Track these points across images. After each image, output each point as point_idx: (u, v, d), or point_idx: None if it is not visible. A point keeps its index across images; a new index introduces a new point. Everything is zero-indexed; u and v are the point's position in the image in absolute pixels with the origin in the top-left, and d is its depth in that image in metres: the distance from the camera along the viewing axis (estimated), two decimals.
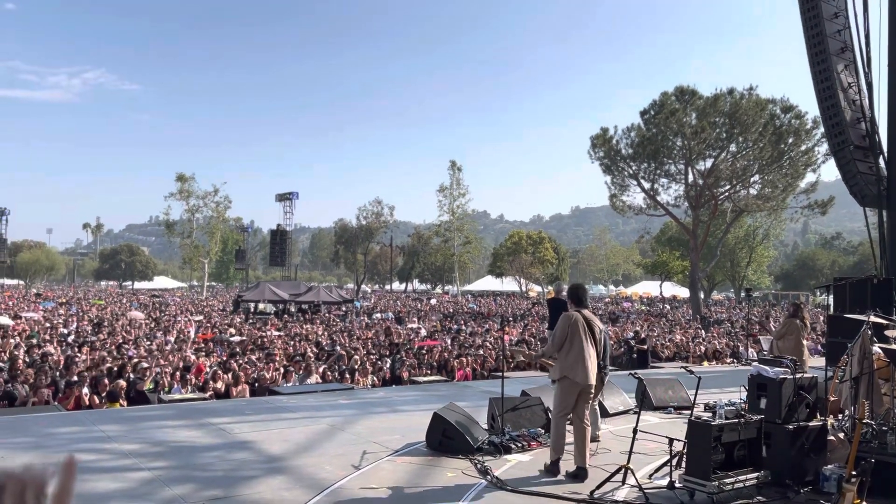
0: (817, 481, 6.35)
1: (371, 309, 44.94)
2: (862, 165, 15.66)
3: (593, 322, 7.21)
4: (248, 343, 20.58)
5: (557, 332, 7.07)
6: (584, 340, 6.96)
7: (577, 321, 7.03)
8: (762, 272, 71.21)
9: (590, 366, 6.92)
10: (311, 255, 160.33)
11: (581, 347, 6.92)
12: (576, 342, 6.93)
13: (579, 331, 6.97)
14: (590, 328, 7.10)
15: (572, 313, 7.15)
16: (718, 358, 20.86)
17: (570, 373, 6.89)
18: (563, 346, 6.97)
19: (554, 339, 7.09)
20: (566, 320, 7.06)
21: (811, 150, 39.72)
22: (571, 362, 6.89)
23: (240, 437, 8.32)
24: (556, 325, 7.22)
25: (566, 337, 6.96)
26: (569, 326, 6.99)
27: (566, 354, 6.94)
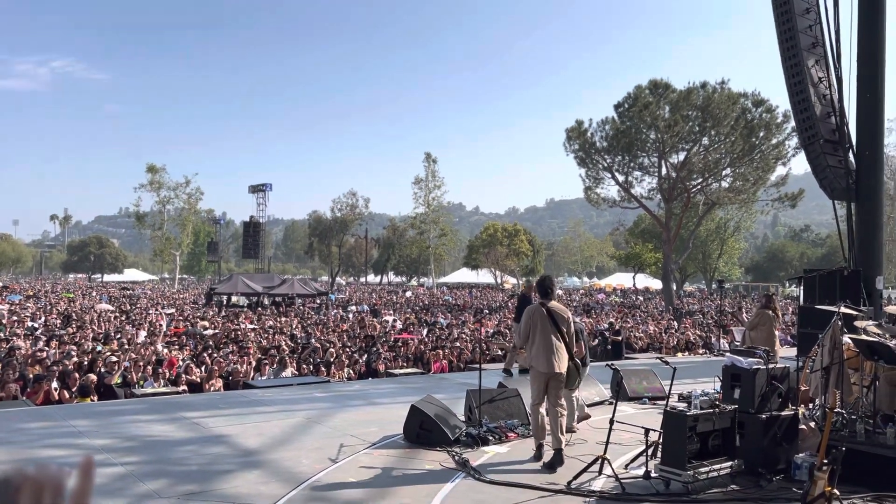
0: (789, 469, 6.46)
1: (346, 301, 44.73)
2: (831, 159, 15.88)
3: (559, 313, 7.32)
4: (221, 336, 20.39)
5: (521, 325, 7.40)
6: (546, 331, 7.14)
7: (537, 313, 7.26)
8: (733, 264, 72.12)
9: (553, 355, 7.10)
10: (284, 248, 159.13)
11: (542, 338, 7.13)
12: (537, 333, 7.16)
13: (539, 322, 7.19)
14: (553, 319, 7.22)
15: (534, 306, 7.46)
16: (691, 349, 21.14)
17: (534, 362, 7.19)
18: (528, 338, 7.24)
19: (520, 333, 7.48)
20: (528, 313, 7.38)
21: (782, 143, 40.30)
22: (535, 353, 7.18)
23: (214, 431, 8.24)
24: (522, 318, 7.51)
25: (529, 329, 7.24)
26: (531, 318, 7.26)
27: (531, 346, 7.23)
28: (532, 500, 5.85)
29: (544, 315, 7.22)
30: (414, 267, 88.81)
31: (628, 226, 69.02)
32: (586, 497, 5.93)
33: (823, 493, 5.39)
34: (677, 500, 5.88)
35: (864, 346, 7.19)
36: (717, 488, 6.14)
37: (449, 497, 5.90)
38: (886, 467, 6.17)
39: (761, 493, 6.05)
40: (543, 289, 7.52)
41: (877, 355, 7.01)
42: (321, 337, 20.58)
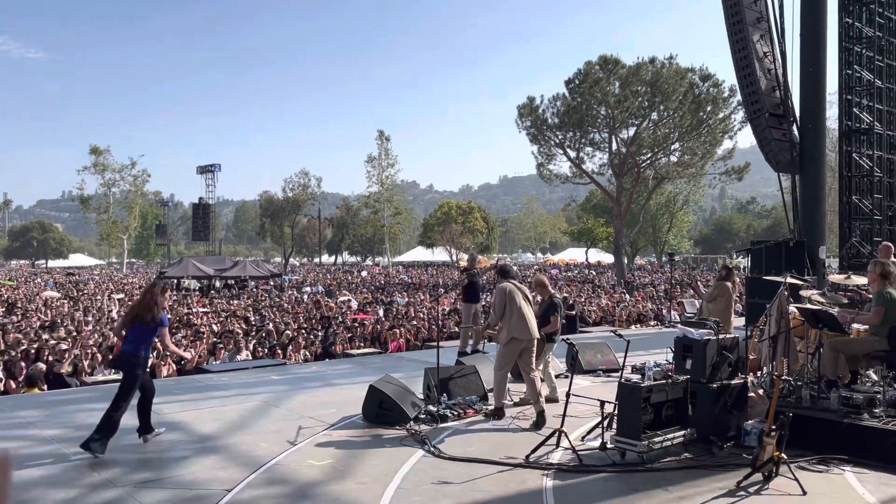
0: (739, 436, 6.65)
1: (300, 283, 44.34)
2: (776, 132, 16.26)
3: (524, 290, 8.04)
4: (173, 321, 20.02)
5: (496, 303, 7.86)
6: (522, 303, 7.78)
7: (511, 290, 7.83)
8: (682, 237, 73.69)
9: (529, 323, 7.76)
10: (235, 229, 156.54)
11: (521, 310, 7.74)
12: (515, 307, 7.71)
13: (516, 297, 7.77)
14: (524, 294, 7.93)
15: (505, 284, 7.93)
16: (643, 321, 21.55)
17: (516, 333, 7.66)
18: (504, 314, 7.74)
19: (495, 310, 7.90)
20: (502, 291, 7.85)
21: (728, 117, 41.16)
22: (514, 324, 7.67)
23: (169, 418, 8.10)
24: (494, 297, 8.03)
25: (505, 305, 7.75)
26: (506, 295, 7.79)
27: (509, 319, 7.70)
28: (492, 475, 5.91)
29: (517, 290, 7.86)
30: (369, 246, 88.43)
31: (580, 201, 69.96)
32: (544, 470, 6.02)
33: (772, 457, 5.59)
34: (633, 469, 6.01)
35: (809, 314, 7.43)
36: (671, 457, 6.30)
37: (409, 474, 5.93)
38: (830, 430, 6.41)
39: (713, 460, 6.23)
40: (505, 271, 8.28)
41: (821, 323, 7.25)
42: (276, 319, 20.37)
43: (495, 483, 5.73)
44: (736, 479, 5.61)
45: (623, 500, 5.30)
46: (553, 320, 8.61)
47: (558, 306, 8.87)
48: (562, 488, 5.61)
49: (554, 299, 8.94)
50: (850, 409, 6.57)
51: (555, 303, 8.86)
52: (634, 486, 5.61)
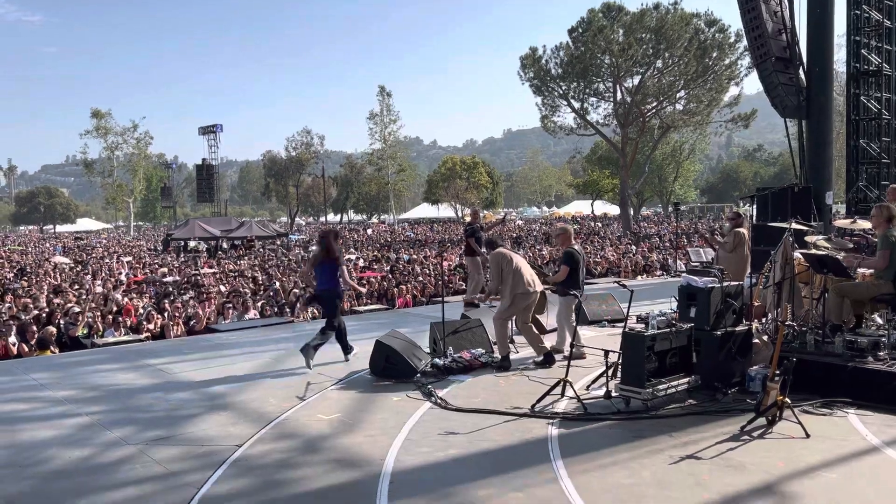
0: (744, 382, 6.70)
1: (306, 242, 44.44)
2: (783, 77, 16.00)
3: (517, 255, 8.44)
4: (181, 282, 20.15)
5: (493, 270, 8.11)
6: (521, 262, 8.15)
7: (504, 254, 8.13)
8: (689, 186, 73.17)
9: (531, 278, 8.06)
10: (240, 190, 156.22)
11: (518, 269, 8.01)
12: (514, 266, 7.99)
13: (512, 259, 8.08)
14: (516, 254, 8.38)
15: (499, 250, 8.18)
16: (649, 271, 21.56)
17: (518, 289, 7.93)
18: (503, 279, 7.97)
19: (493, 277, 8.13)
20: (497, 257, 8.08)
21: (734, 63, 40.48)
22: (516, 281, 7.93)
23: (180, 377, 8.21)
24: (491, 265, 8.24)
25: (502, 269, 7.99)
26: (501, 260, 8.03)
27: (508, 282, 7.94)
28: (498, 425, 5.99)
29: (510, 253, 8.21)
30: (374, 204, 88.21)
31: (585, 153, 69.28)
32: (550, 419, 6.09)
33: (776, 402, 5.63)
34: (637, 417, 6.08)
35: (814, 260, 7.40)
36: (676, 404, 6.36)
37: (417, 426, 6.01)
38: (835, 374, 6.43)
39: (717, 406, 6.28)
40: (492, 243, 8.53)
41: (826, 268, 7.23)
42: (283, 278, 20.47)
43: (501, 433, 5.81)
44: (740, 424, 5.67)
45: (627, 447, 5.37)
46: (563, 270, 8.44)
47: (571, 256, 8.40)
48: (567, 436, 5.68)
49: (569, 250, 8.49)
50: (854, 353, 6.59)
51: (568, 253, 8.44)
52: (638, 433, 5.67)
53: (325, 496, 4.62)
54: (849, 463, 4.96)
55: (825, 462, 4.96)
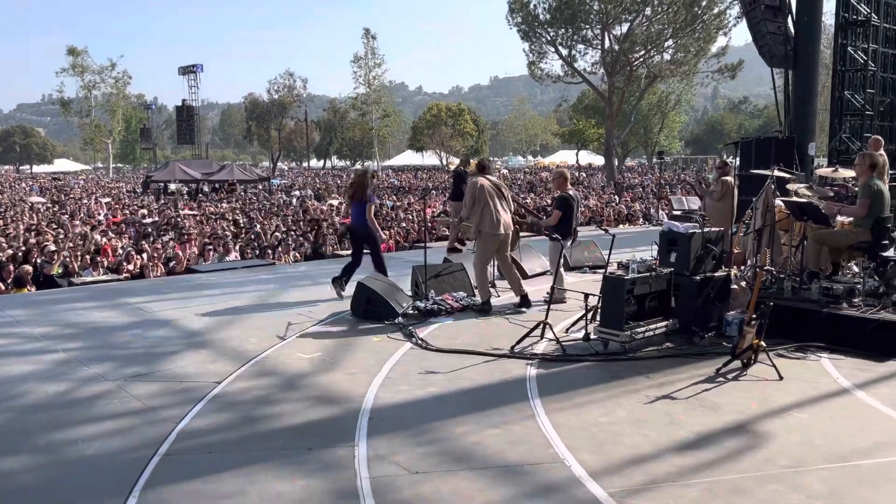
0: (721, 326, 6.78)
1: (289, 187, 44.03)
2: (771, 25, 15.81)
3: (500, 184, 8.16)
4: (161, 224, 19.95)
5: (467, 197, 7.99)
6: (494, 199, 7.91)
7: (482, 185, 7.94)
8: (674, 137, 72.93)
9: (500, 217, 7.90)
10: (221, 133, 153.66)
11: (490, 204, 7.85)
12: (486, 201, 7.85)
13: (486, 191, 7.89)
14: (497, 188, 8.05)
15: (478, 179, 8.03)
16: (631, 220, 21.64)
17: (484, 227, 7.84)
18: (474, 207, 7.87)
19: (466, 203, 8.04)
20: (473, 186, 7.96)
21: (723, 12, 39.99)
22: (486, 218, 7.83)
23: (158, 315, 8.17)
24: (466, 192, 8.12)
25: (475, 199, 7.87)
26: (476, 190, 7.90)
27: (479, 213, 7.85)
28: (478, 365, 6.03)
29: (490, 186, 7.96)
30: (357, 150, 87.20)
31: (572, 102, 68.68)
32: (529, 360, 6.14)
33: (751, 345, 5.71)
34: (615, 358, 6.15)
35: (794, 207, 7.43)
36: (653, 346, 6.43)
37: (397, 365, 6.04)
38: (810, 319, 6.52)
39: (694, 349, 6.36)
40: (483, 166, 8.58)
41: (806, 215, 7.28)
42: (264, 222, 20.32)
43: (480, 372, 5.85)
44: (715, 367, 5.75)
45: (604, 387, 5.44)
46: (555, 215, 8.39)
47: (565, 200, 8.32)
48: (545, 376, 5.74)
49: (564, 194, 8.41)
50: (829, 300, 6.68)
51: (563, 197, 8.36)
52: (616, 374, 5.74)
53: (304, 431, 4.65)
54: (820, 404, 5.06)
55: (797, 403, 5.06)
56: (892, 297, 6.55)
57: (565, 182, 8.68)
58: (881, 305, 6.49)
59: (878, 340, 6.13)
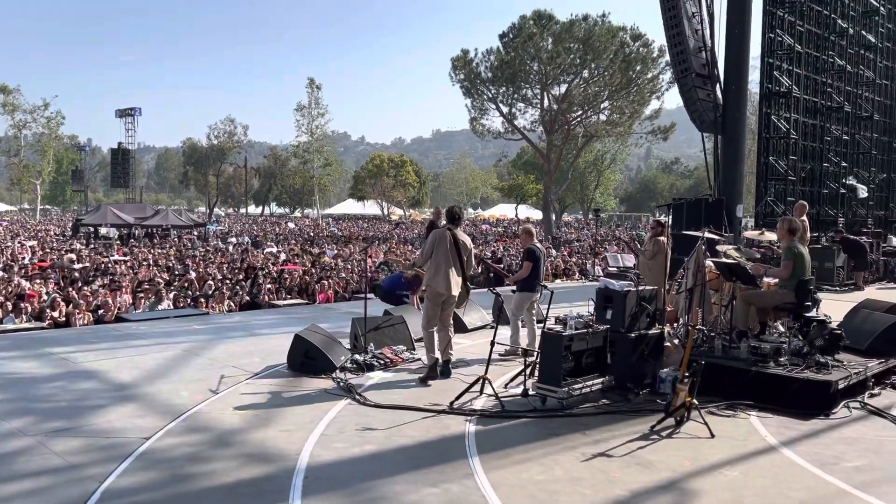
0: (655, 383, 6.92)
1: (225, 233, 43.33)
2: (702, 92, 16.68)
3: (464, 241, 7.71)
4: (90, 269, 19.29)
5: (427, 244, 7.68)
6: (448, 255, 7.48)
7: (443, 236, 7.54)
8: (608, 195, 75.17)
9: (451, 278, 7.48)
10: (157, 177, 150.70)
11: (444, 260, 7.46)
12: (440, 255, 7.47)
13: (444, 245, 7.49)
14: (457, 246, 7.57)
15: (441, 230, 7.67)
16: (569, 275, 22.02)
17: (432, 282, 7.50)
18: (429, 258, 7.53)
19: (423, 252, 7.77)
20: (434, 235, 7.66)
21: (656, 77, 41.90)
22: (434, 273, 7.48)
23: (84, 367, 7.85)
24: (428, 239, 7.82)
25: (432, 250, 7.51)
26: (435, 240, 7.54)
27: (431, 266, 7.52)
28: (416, 421, 5.98)
29: (450, 240, 7.56)
30: (297, 198, 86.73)
31: (512, 158, 70.25)
32: (468, 416, 6.13)
33: (684, 403, 5.83)
34: (552, 415, 6.19)
35: (724, 268, 7.72)
36: (590, 403, 6.51)
37: (334, 422, 5.94)
38: (739, 377, 6.73)
39: (629, 406, 6.47)
40: (452, 216, 7.91)
41: (735, 276, 7.56)
42: (199, 269, 19.88)
43: (419, 429, 5.80)
44: (650, 424, 5.85)
45: (542, 444, 5.46)
46: (525, 267, 8.47)
47: (532, 253, 8.44)
48: (483, 433, 5.73)
49: (531, 247, 8.56)
50: (757, 359, 6.91)
51: (530, 250, 8.50)
52: (553, 431, 5.78)
53: (236, 491, 4.50)
54: (749, 461, 5.19)
55: (728, 460, 5.17)
56: (815, 357, 6.82)
57: (531, 237, 8.83)
58: (805, 365, 6.75)
59: (802, 399, 6.36)
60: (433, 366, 7.48)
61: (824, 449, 5.47)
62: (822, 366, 6.71)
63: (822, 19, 18.25)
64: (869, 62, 20.67)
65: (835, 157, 19.07)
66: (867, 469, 5.08)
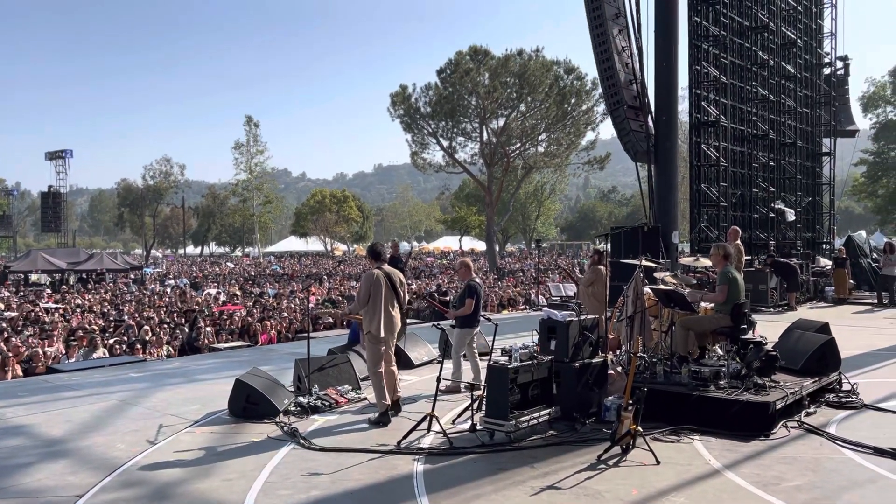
0: (600, 412, 6.97)
1: (163, 275, 42.26)
2: (634, 123, 17.19)
3: (396, 277, 7.55)
4: (18, 318, 18.51)
5: (361, 290, 7.39)
6: (385, 297, 7.32)
7: (378, 278, 7.35)
8: (550, 224, 76.35)
9: (390, 318, 7.35)
10: (91, 220, 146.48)
11: (379, 303, 7.28)
12: (377, 299, 7.29)
13: (381, 288, 7.31)
14: (392, 284, 7.44)
15: (373, 271, 7.45)
16: (513, 305, 22.19)
17: (372, 327, 7.30)
18: (367, 304, 7.31)
19: (359, 297, 7.46)
20: (367, 279, 7.39)
21: (591, 109, 43.00)
22: (370, 316, 7.30)
23: (12, 422, 7.47)
24: (360, 283, 7.53)
25: (369, 294, 7.30)
26: (371, 284, 7.32)
27: (370, 310, 7.30)
28: (363, 463, 5.87)
29: (384, 281, 7.36)
30: (238, 237, 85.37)
31: (454, 190, 70.82)
32: (415, 455, 6.05)
33: (629, 430, 5.89)
34: (501, 449, 6.16)
35: (661, 294, 7.89)
36: (538, 435, 6.51)
37: (278, 468, 5.78)
38: (681, 403, 6.84)
39: (576, 436, 6.49)
40: (375, 253, 7.72)
41: (673, 302, 7.73)
42: (136, 314, 19.29)
43: (366, 471, 5.70)
44: (597, 453, 5.87)
45: (491, 480, 5.41)
46: (468, 303, 8.43)
47: (474, 289, 8.44)
48: (432, 472, 5.66)
49: (471, 283, 8.52)
50: (698, 383, 7.04)
51: (471, 286, 8.46)
52: (502, 465, 5.75)
53: None
54: (694, 486, 5.25)
55: (674, 486, 5.23)
56: (753, 379, 6.99)
57: (469, 270, 8.70)
58: (744, 387, 6.90)
59: (742, 421, 6.50)
60: (385, 412, 7.17)
61: (765, 470, 5.59)
62: (760, 387, 6.88)
63: (745, 51, 19.12)
64: (789, 91, 21.69)
65: (763, 182, 19.85)
66: (807, 488, 5.21)
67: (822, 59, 24.53)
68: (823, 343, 8.00)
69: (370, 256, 7.77)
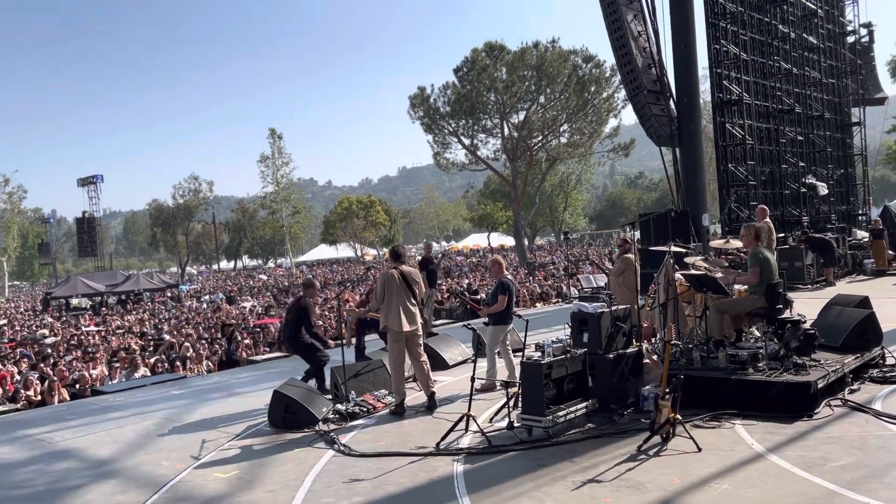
0: (638, 402, 6.92)
1: (199, 291, 42.89)
2: (655, 108, 16.99)
3: (411, 275, 7.96)
4: (61, 343, 18.94)
5: (378, 289, 7.88)
6: (401, 293, 7.77)
7: (391, 277, 7.80)
8: (578, 215, 75.86)
9: (405, 313, 7.75)
10: (126, 242, 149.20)
11: (397, 300, 7.72)
12: (393, 296, 7.73)
13: (393, 284, 7.76)
14: (406, 281, 7.85)
15: (388, 270, 7.93)
16: (546, 299, 22.09)
17: (389, 322, 7.72)
18: (383, 301, 7.77)
19: (376, 296, 7.96)
20: (382, 278, 7.88)
21: (611, 96, 42.56)
22: (391, 314, 7.72)
23: (61, 446, 7.65)
24: (377, 281, 8.03)
25: (384, 292, 7.76)
26: (385, 283, 7.78)
27: (387, 308, 7.76)
28: (403, 467, 5.90)
29: (398, 279, 7.80)
30: (269, 248, 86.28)
31: (479, 188, 70.69)
32: (455, 455, 6.07)
33: (668, 419, 5.84)
34: (539, 445, 6.15)
35: (693, 279, 7.80)
36: (576, 428, 6.49)
37: (320, 476, 5.84)
38: (720, 387, 6.76)
39: (615, 428, 6.45)
40: (396, 254, 8.30)
41: (705, 287, 7.63)
42: (174, 331, 19.62)
43: (407, 474, 5.73)
44: (637, 444, 5.84)
45: (531, 476, 5.41)
46: (500, 300, 8.45)
47: (506, 286, 8.46)
48: (472, 471, 5.67)
49: (503, 279, 8.53)
50: (736, 366, 6.95)
51: (503, 283, 8.47)
52: (541, 462, 5.74)
53: None
54: (738, 472, 5.19)
55: (717, 473, 5.17)
56: (792, 359, 6.88)
57: (501, 268, 8.73)
58: (783, 368, 6.79)
59: (783, 402, 6.40)
60: (401, 402, 7.74)
61: (810, 451, 5.50)
62: (800, 367, 6.77)
63: (764, 26, 18.78)
64: (813, 63, 21.26)
65: (792, 157, 19.48)
66: (853, 467, 5.11)
67: (846, 28, 24.00)
68: (864, 318, 7.83)
69: (391, 257, 8.35)
